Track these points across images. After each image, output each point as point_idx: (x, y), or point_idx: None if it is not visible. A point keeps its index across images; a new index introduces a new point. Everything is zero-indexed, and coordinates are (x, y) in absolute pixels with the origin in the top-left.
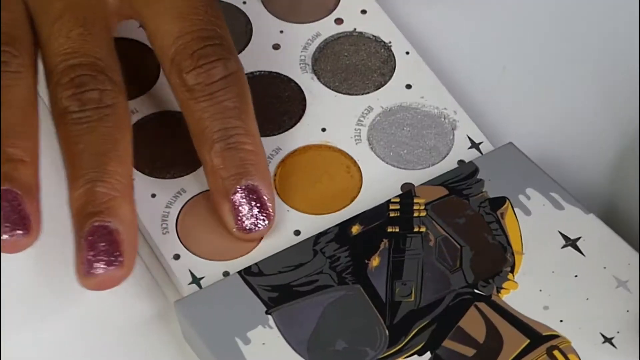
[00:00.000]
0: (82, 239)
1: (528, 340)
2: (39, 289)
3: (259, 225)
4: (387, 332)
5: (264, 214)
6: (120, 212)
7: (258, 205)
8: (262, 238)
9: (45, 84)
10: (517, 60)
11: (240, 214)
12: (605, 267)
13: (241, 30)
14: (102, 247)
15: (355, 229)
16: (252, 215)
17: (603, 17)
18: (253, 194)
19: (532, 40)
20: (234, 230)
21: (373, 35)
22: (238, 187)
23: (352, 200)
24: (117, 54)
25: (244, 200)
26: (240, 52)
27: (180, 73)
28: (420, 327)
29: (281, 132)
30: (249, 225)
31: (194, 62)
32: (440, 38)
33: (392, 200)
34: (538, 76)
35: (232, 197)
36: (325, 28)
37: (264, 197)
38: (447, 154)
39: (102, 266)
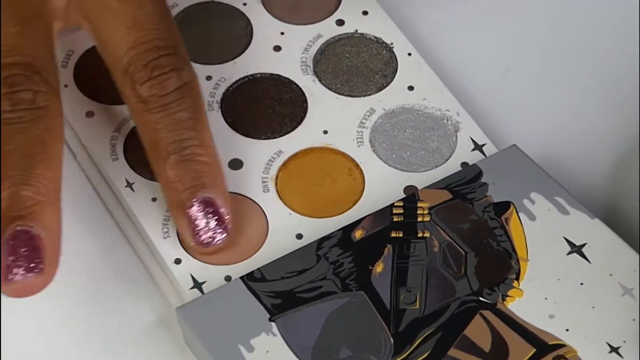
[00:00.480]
0: (4, 243)
1: (534, 350)
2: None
3: (217, 239)
4: (392, 340)
5: (222, 227)
6: (44, 217)
7: (215, 217)
8: (221, 250)
9: None
10: (519, 61)
11: (197, 228)
12: (611, 275)
13: (241, 32)
14: (22, 252)
15: (359, 234)
16: (209, 229)
17: (605, 18)
18: (209, 207)
19: (535, 41)
20: (192, 244)
21: (375, 37)
22: (194, 200)
23: (354, 203)
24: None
25: (200, 213)
26: (240, 54)
27: (134, 84)
28: (425, 335)
29: (282, 135)
30: (206, 239)
31: (148, 72)
32: (442, 39)
33: (395, 204)
34: (540, 77)
35: (188, 211)
36: (327, 29)
37: (221, 209)
38: (450, 156)
39: (21, 272)
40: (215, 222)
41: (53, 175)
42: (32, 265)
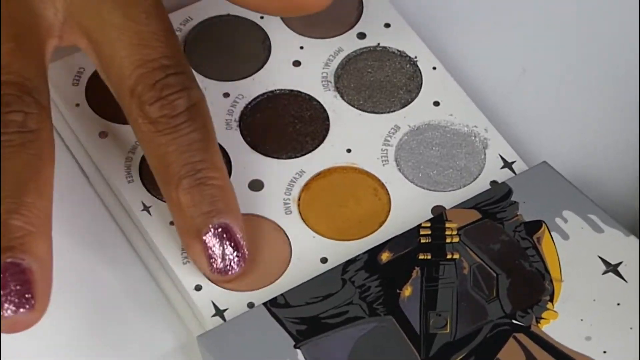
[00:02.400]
0: None
1: None
2: (52, 321)
3: (234, 267)
4: None
5: (239, 255)
6: (36, 249)
7: (232, 244)
8: (239, 276)
9: None
10: (550, 75)
11: (214, 255)
12: None
13: (259, 47)
14: (12, 286)
15: (385, 256)
16: (225, 256)
17: (633, 31)
18: (226, 233)
19: (564, 54)
20: (207, 272)
21: (398, 50)
22: (210, 226)
23: (380, 225)
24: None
25: (217, 240)
26: (259, 69)
27: (143, 105)
28: None
29: (304, 154)
30: (223, 267)
31: (157, 92)
32: (468, 52)
33: (422, 225)
34: (571, 92)
35: (204, 238)
36: (348, 43)
37: (237, 235)
38: (479, 175)
39: (12, 308)
40: (232, 249)
41: (44, 205)
42: (23, 300)
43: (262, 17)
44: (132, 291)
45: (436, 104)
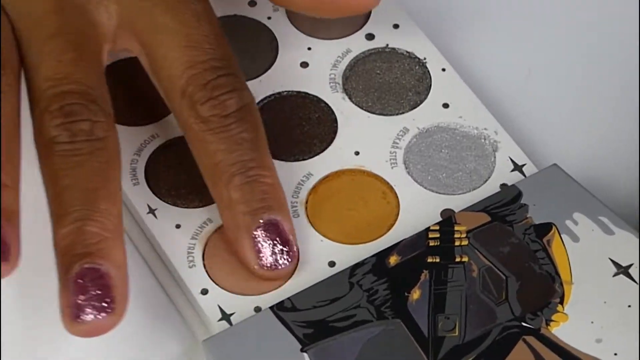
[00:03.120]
0: (70, 281)
1: None
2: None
3: (283, 263)
4: None
5: (288, 253)
6: (112, 254)
7: (281, 241)
8: (285, 277)
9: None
10: (560, 76)
11: (263, 250)
12: None
13: (266, 48)
14: (92, 291)
15: (394, 260)
16: (274, 252)
17: None
18: (275, 230)
19: (575, 56)
20: (256, 267)
21: (407, 51)
22: (261, 221)
23: (389, 229)
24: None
25: (266, 236)
26: (266, 70)
27: (194, 104)
28: None
29: (312, 157)
30: (272, 262)
31: (209, 92)
32: (478, 53)
33: (431, 228)
34: (581, 94)
35: (254, 233)
36: (356, 44)
37: (287, 232)
38: (489, 178)
39: (93, 312)
40: (282, 246)
41: (116, 211)
42: (103, 305)
43: (269, 18)
44: (137, 295)
45: (445, 106)
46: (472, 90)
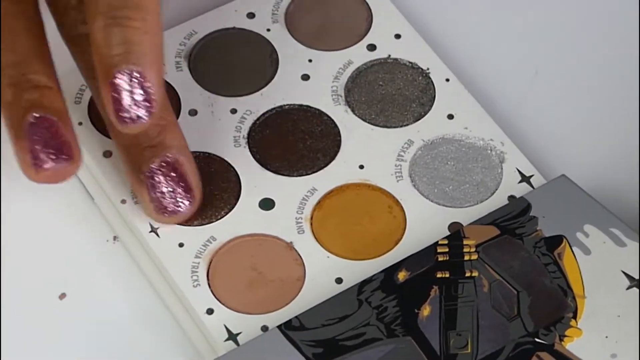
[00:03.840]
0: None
1: None
2: (62, 345)
3: (141, 117)
4: None
5: (146, 106)
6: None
7: (141, 93)
8: (141, 128)
9: None
10: (567, 86)
11: (120, 102)
12: None
13: (266, 61)
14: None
15: (402, 276)
16: (133, 105)
17: None
18: (136, 81)
19: (583, 64)
20: (115, 121)
21: (409, 62)
22: (120, 70)
23: (396, 243)
24: None
25: (126, 86)
26: (266, 84)
27: None
28: None
29: (315, 171)
30: (129, 116)
31: None
32: (481, 63)
33: (439, 242)
34: (588, 103)
35: (112, 81)
36: (357, 55)
37: (147, 85)
38: (496, 190)
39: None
40: (142, 98)
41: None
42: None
43: (268, 30)
44: (142, 316)
45: (450, 117)
46: (477, 100)
